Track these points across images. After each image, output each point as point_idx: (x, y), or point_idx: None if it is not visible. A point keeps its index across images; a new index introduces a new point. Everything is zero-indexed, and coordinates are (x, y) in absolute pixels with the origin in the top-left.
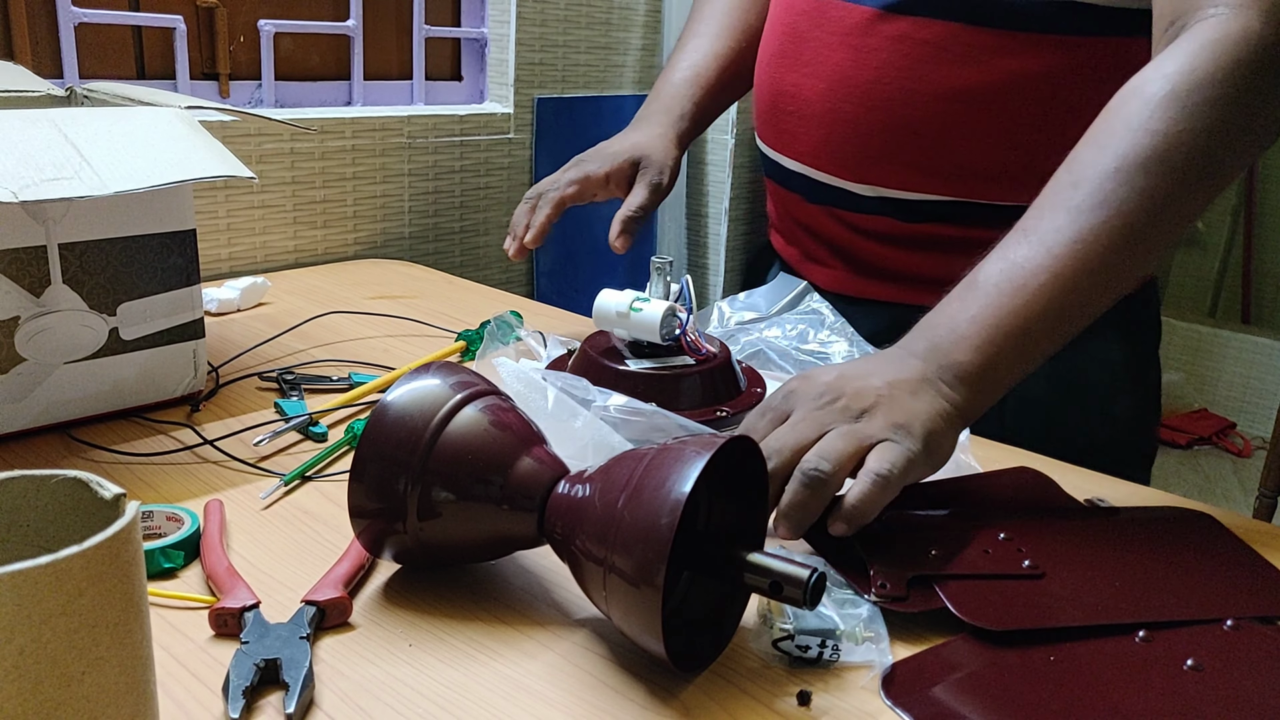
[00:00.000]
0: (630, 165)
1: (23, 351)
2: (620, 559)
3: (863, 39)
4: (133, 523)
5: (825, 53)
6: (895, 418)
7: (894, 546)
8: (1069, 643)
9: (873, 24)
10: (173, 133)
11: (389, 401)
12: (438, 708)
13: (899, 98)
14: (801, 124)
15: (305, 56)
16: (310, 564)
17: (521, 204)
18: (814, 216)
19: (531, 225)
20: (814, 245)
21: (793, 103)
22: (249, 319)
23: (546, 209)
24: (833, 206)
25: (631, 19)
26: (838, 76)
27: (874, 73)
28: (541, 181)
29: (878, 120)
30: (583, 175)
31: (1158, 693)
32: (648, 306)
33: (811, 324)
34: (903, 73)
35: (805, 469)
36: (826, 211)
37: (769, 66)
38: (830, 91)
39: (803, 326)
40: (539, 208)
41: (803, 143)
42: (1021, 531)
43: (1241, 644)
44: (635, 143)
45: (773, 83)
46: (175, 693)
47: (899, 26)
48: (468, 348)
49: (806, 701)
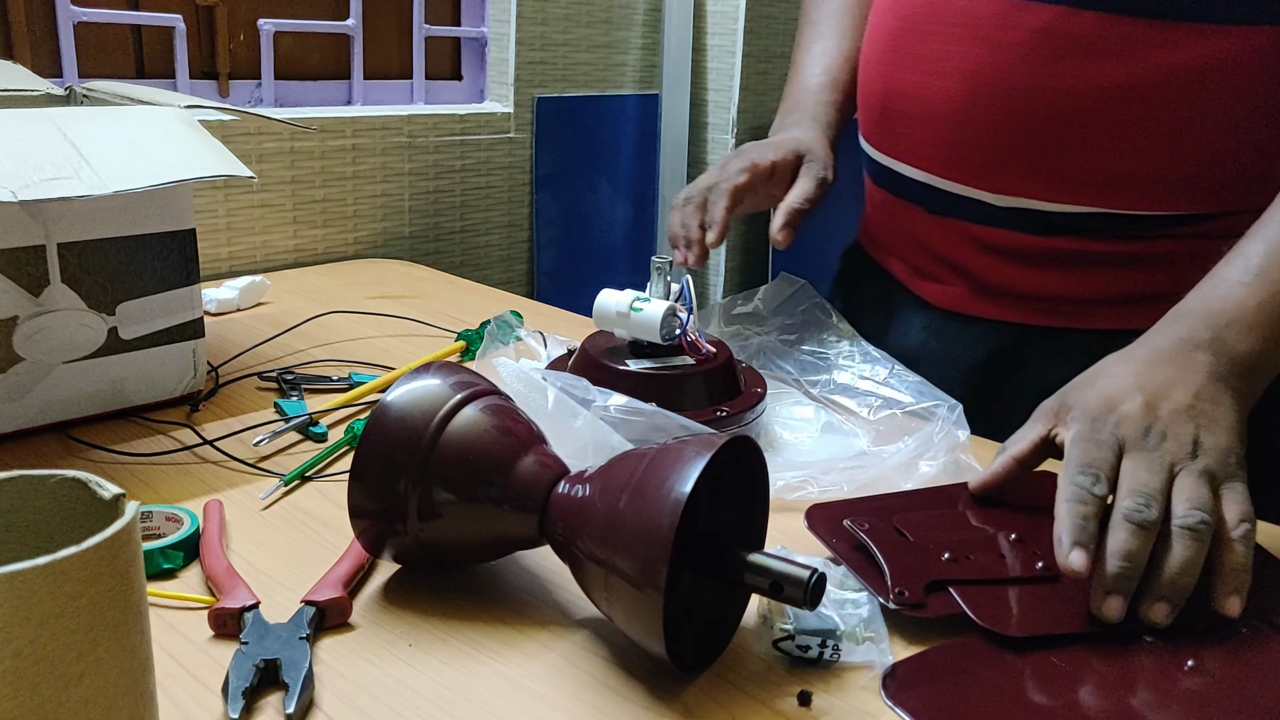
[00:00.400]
0: (795, 157)
1: (21, 351)
2: (622, 560)
3: (999, 32)
4: (132, 523)
5: (951, 48)
6: (1220, 441)
7: (907, 551)
8: (1072, 644)
9: (1011, 15)
10: (172, 132)
11: (389, 401)
12: (438, 708)
13: (1041, 97)
14: (923, 127)
15: (305, 56)
16: (310, 564)
17: (678, 209)
18: (933, 228)
19: (709, 223)
20: (928, 260)
21: (910, 104)
22: (249, 319)
23: (722, 201)
24: (958, 218)
25: (632, 18)
26: (969, 74)
27: (1013, 69)
28: (699, 180)
29: (1016, 122)
30: (749, 163)
31: (1161, 694)
32: (648, 307)
33: (811, 324)
34: (1045, 69)
35: (1190, 523)
36: (949, 223)
37: (879, 65)
38: (960, 91)
39: (803, 327)
40: (712, 202)
41: (925, 147)
42: (1033, 533)
43: (1245, 646)
44: (797, 138)
45: (884, 82)
46: (175, 693)
47: (1042, 17)
48: (468, 348)
49: (807, 702)
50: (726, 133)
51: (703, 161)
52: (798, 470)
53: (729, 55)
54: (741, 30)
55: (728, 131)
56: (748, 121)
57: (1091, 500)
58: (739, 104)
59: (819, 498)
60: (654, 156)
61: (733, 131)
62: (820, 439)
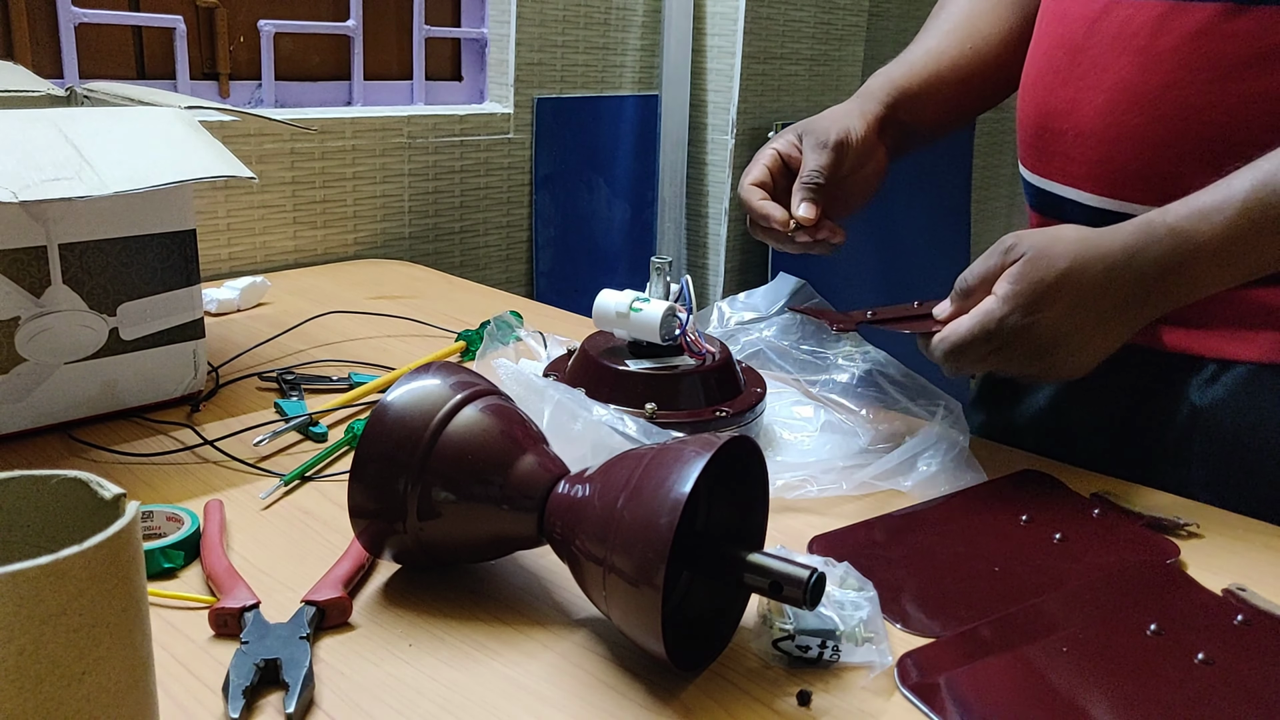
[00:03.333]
0: (797, 138)
1: (23, 352)
2: (620, 559)
3: (1151, 40)
4: (133, 523)
5: (1106, 60)
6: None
7: (918, 607)
8: (1081, 635)
9: (1165, 20)
10: (173, 133)
11: (389, 401)
12: (438, 708)
13: (1196, 105)
14: (1075, 144)
15: (305, 56)
16: (310, 564)
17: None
18: None
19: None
20: None
21: (1065, 121)
22: (249, 319)
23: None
24: None
25: (630, 19)
26: (1119, 86)
27: (1164, 77)
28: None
29: (1169, 134)
30: (760, 166)
31: (1168, 685)
32: (648, 307)
33: (811, 323)
34: (1201, 75)
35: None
36: None
37: (1036, 86)
38: (1110, 105)
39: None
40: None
41: (1076, 164)
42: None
43: (1251, 638)
44: (805, 122)
45: (1043, 103)
46: (175, 693)
47: (1197, 18)
48: (468, 348)
49: (806, 701)
50: (726, 133)
51: (702, 162)
52: (798, 470)
53: (728, 56)
54: (741, 31)
55: (727, 132)
56: (747, 122)
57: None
58: (738, 105)
59: (819, 497)
60: (653, 157)
61: (732, 132)
62: (820, 439)
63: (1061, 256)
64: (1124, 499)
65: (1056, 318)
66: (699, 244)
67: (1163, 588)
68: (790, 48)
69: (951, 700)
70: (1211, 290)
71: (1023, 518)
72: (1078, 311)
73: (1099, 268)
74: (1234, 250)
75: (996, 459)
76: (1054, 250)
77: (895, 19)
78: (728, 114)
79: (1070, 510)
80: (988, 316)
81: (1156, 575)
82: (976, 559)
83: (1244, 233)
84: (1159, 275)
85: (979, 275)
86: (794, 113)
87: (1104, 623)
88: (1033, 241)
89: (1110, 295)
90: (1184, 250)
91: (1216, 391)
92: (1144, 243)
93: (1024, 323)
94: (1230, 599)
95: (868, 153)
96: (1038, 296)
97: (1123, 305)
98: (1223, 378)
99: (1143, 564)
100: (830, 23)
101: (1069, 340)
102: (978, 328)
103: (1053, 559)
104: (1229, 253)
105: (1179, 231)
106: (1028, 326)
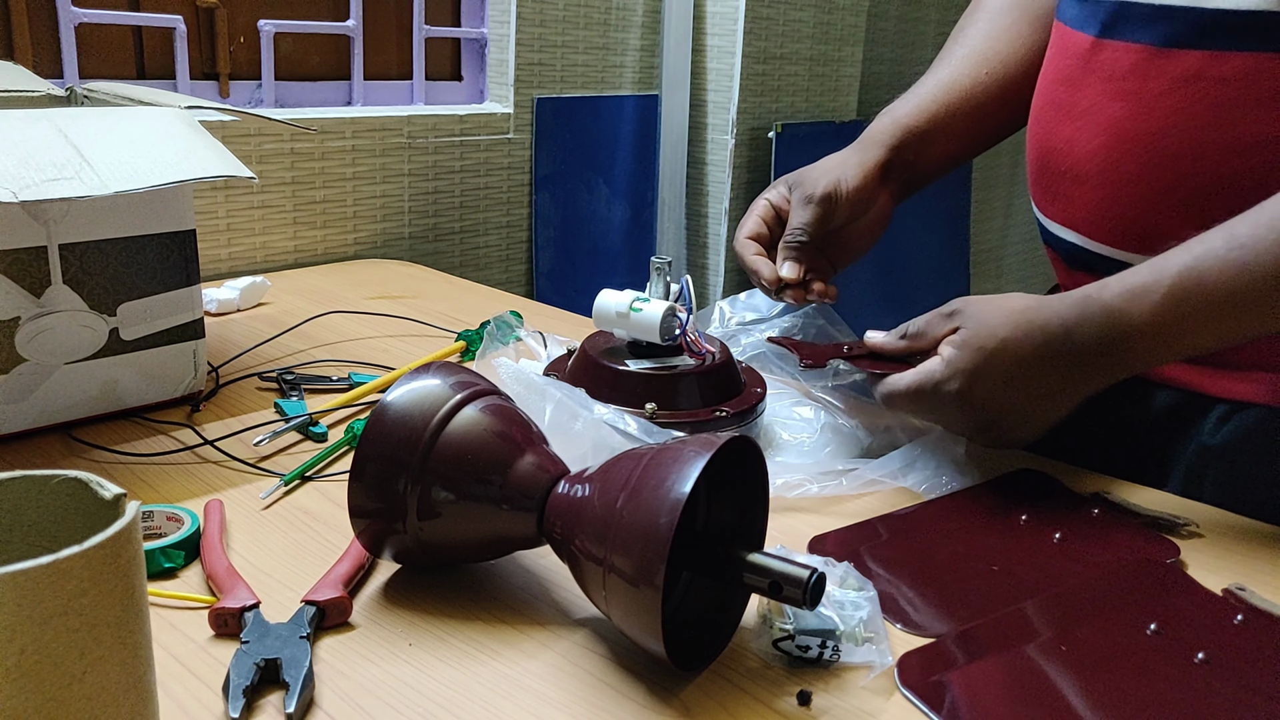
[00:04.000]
0: (788, 189)
1: (23, 352)
2: (620, 559)
3: (1142, 83)
4: (133, 523)
5: (1101, 102)
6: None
7: (918, 607)
8: (1080, 634)
9: (1152, 63)
10: (173, 133)
11: (389, 401)
12: (438, 707)
13: (1191, 152)
14: (1075, 187)
15: (305, 56)
16: (310, 564)
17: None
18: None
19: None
20: None
21: (1065, 160)
22: (249, 319)
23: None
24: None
25: (630, 19)
26: (1114, 130)
27: (1159, 123)
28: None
29: (1164, 180)
30: (755, 217)
31: (1168, 685)
32: (648, 307)
33: (811, 324)
34: (1195, 120)
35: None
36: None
37: (1040, 119)
38: (1106, 149)
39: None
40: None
41: (1078, 207)
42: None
43: (1251, 638)
44: (800, 172)
45: (1045, 138)
46: (175, 692)
47: (1186, 64)
48: (467, 348)
49: (806, 701)
50: (726, 133)
51: (702, 162)
52: (797, 470)
53: (728, 56)
54: (741, 31)
55: (727, 132)
56: (747, 122)
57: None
58: (738, 105)
59: (819, 497)
60: (653, 157)
61: (732, 132)
62: (820, 439)
63: (1002, 326)
64: (1124, 499)
65: (994, 390)
66: (699, 244)
67: (1162, 587)
68: (790, 48)
69: (951, 700)
70: (1152, 366)
71: (1022, 517)
72: (1015, 384)
73: (1038, 339)
74: (1165, 332)
75: (996, 459)
76: (994, 320)
77: (895, 19)
78: (728, 114)
79: (1070, 510)
80: (928, 377)
81: (1156, 575)
82: (976, 559)
83: (1173, 316)
84: (1097, 351)
85: (919, 328)
86: (794, 113)
87: (1104, 622)
88: (975, 310)
89: (1049, 368)
90: (1118, 329)
91: (1229, 432)
92: (1081, 318)
93: (961, 389)
94: (1230, 599)
95: (865, 202)
96: (975, 366)
97: (1062, 379)
98: (1235, 418)
99: (1142, 564)
100: (830, 23)
101: (1009, 414)
102: (915, 385)
103: (1052, 559)
104: (1160, 334)
105: (1113, 310)
106: (964, 395)
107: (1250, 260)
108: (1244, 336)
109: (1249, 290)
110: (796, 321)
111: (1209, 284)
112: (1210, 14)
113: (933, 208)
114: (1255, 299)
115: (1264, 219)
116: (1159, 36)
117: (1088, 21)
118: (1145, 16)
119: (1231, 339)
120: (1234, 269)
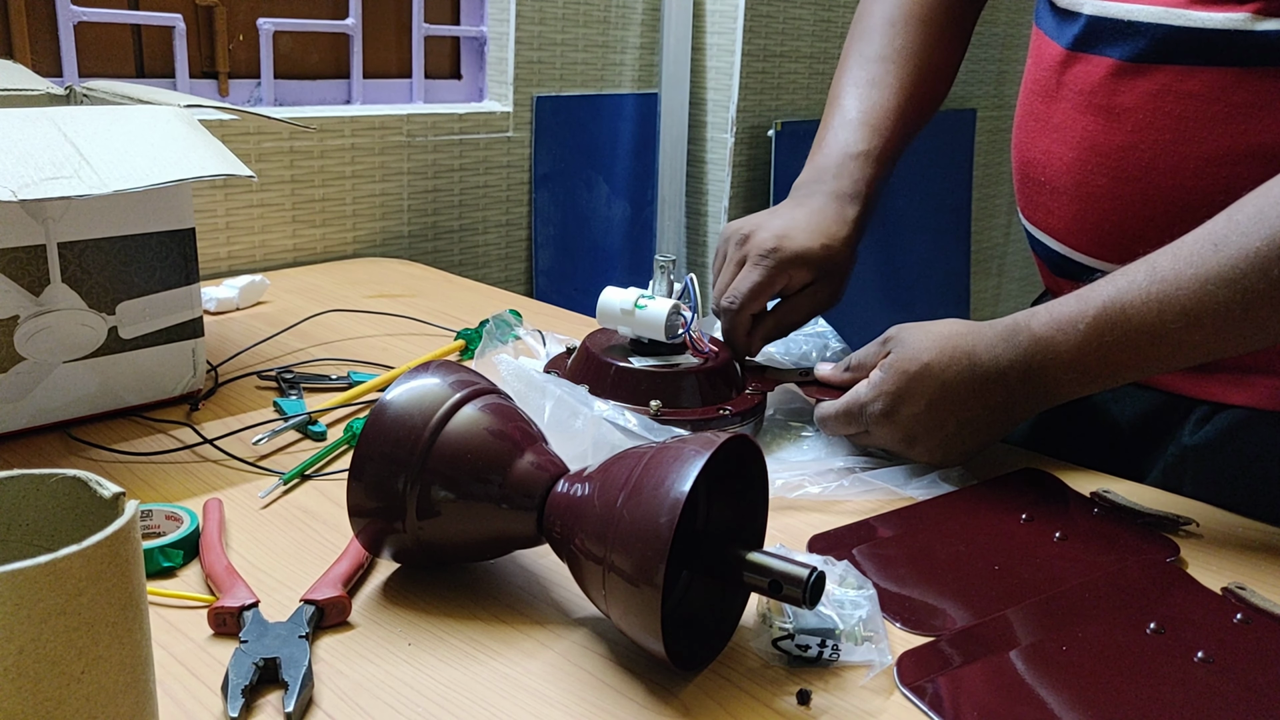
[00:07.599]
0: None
1: (22, 350)
2: (619, 558)
3: (1110, 98)
4: (132, 522)
5: (1073, 115)
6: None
7: (918, 606)
8: (1081, 634)
9: (1120, 79)
10: (172, 131)
11: (388, 400)
12: (437, 707)
13: (1160, 165)
14: (1053, 197)
15: (304, 55)
16: (309, 563)
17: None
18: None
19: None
20: None
21: (1043, 172)
22: (248, 318)
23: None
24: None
25: (630, 17)
26: (1085, 144)
27: (1127, 137)
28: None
29: (1135, 192)
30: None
31: (1168, 684)
32: (652, 304)
33: (815, 346)
34: (1163, 135)
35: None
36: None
37: (1020, 128)
38: (1079, 162)
39: (806, 348)
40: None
41: (1056, 218)
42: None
43: (1251, 637)
44: (756, 222)
45: (1024, 149)
46: (175, 692)
47: (1154, 80)
48: (467, 346)
49: (806, 701)
50: (725, 131)
51: (702, 160)
52: (797, 470)
53: (728, 54)
54: (741, 29)
55: (726, 130)
56: (746, 120)
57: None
58: (738, 103)
59: (819, 497)
60: (653, 156)
61: (732, 130)
62: (821, 439)
63: (926, 350)
64: (1125, 498)
65: (917, 411)
66: (698, 242)
67: (1162, 587)
68: (790, 45)
69: (951, 699)
70: (1075, 396)
71: (1023, 516)
72: (936, 407)
73: (962, 364)
74: (1088, 362)
75: (996, 458)
76: (920, 345)
77: None
78: (727, 112)
79: (1070, 509)
80: (854, 400)
81: (1156, 574)
82: (976, 558)
83: (1096, 347)
84: (1021, 379)
85: (860, 359)
86: (793, 110)
87: (1104, 621)
88: (906, 335)
89: (970, 393)
90: (1043, 358)
91: (1208, 433)
92: (1007, 346)
93: (884, 410)
94: (1230, 598)
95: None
96: (899, 388)
97: (984, 405)
98: (1215, 419)
99: (1143, 563)
100: (830, 20)
101: (930, 435)
102: (843, 409)
103: (1053, 558)
104: (1084, 365)
105: (1039, 339)
106: (888, 415)
107: (1170, 294)
108: (1168, 368)
109: (1168, 325)
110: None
111: (1132, 317)
112: (1178, 31)
113: (933, 207)
114: (1174, 333)
115: (1184, 253)
116: (1128, 52)
117: (1061, 33)
118: (1115, 32)
119: (1155, 370)
120: (1155, 303)
